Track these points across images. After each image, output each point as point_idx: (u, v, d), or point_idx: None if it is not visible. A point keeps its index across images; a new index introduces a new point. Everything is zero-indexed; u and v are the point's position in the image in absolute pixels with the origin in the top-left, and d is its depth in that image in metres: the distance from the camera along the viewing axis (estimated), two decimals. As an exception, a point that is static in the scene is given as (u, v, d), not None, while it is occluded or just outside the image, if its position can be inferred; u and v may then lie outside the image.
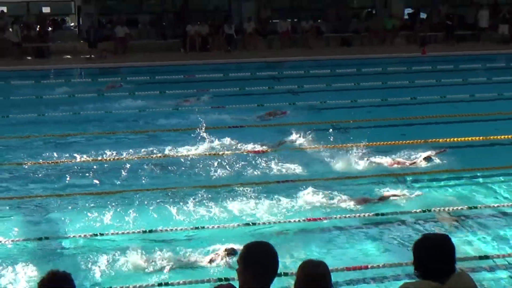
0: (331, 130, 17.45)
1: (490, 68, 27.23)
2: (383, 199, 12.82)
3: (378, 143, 16.24)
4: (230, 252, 10.13)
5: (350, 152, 15.20)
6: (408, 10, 34.36)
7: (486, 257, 10.46)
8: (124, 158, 15.27)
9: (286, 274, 9.05)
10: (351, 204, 12.45)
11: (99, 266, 10.03)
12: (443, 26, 32.01)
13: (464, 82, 23.67)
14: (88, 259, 10.27)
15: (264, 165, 14.80)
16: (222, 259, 10.11)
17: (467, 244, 10.89)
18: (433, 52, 29.50)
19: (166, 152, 15.80)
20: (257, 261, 4.88)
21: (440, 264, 4.99)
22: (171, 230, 11.34)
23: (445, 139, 16.55)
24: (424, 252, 5.09)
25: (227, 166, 14.62)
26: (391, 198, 12.81)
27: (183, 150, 15.85)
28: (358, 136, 16.41)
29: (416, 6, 34.80)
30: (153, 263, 10.11)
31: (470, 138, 16.72)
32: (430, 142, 16.25)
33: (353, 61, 27.72)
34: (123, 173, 14.24)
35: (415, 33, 31.81)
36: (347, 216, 11.90)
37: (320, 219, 11.72)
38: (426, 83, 23.50)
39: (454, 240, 5.22)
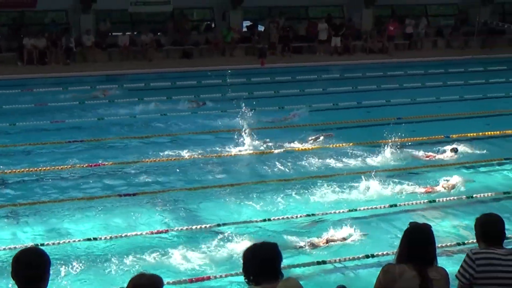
0: (171, 142, 17.90)
1: (325, 79, 28.21)
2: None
3: (211, 155, 16.87)
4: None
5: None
6: (247, 23, 34.96)
7: (323, 262, 10.93)
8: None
9: None
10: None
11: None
12: (281, 39, 32.81)
13: (301, 93, 24.37)
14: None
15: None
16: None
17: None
18: (272, 64, 30.19)
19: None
20: None
21: (267, 270, 5.19)
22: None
23: (291, 147, 17.26)
24: (251, 260, 5.27)
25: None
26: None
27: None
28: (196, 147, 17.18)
29: (254, 19, 35.49)
30: None
31: (307, 148, 17.34)
32: (267, 153, 16.89)
33: (194, 73, 27.92)
34: None
35: (254, 45, 32.43)
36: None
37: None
38: (265, 94, 24.00)
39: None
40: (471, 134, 18.85)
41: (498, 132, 18.67)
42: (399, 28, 34.37)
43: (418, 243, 5.73)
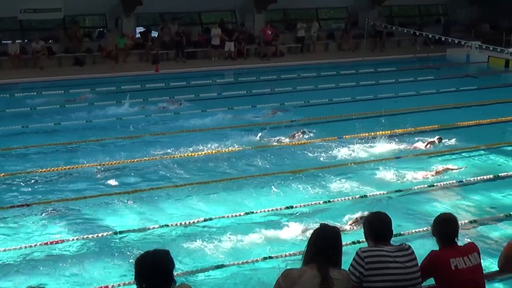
0: (66, 151, 17.74)
1: (220, 84, 28.35)
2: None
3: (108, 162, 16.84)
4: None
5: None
6: (140, 29, 34.72)
7: (222, 265, 11.07)
8: None
9: None
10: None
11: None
12: (174, 44, 32.75)
13: (196, 98, 24.41)
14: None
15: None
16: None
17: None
18: (166, 70, 30.10)
19: None
20: None
21: (159, 277, 5.21)
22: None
23: (188, 153, 17.36)
24: (143, 268, 5.27)
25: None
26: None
27: None
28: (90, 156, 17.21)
29: (147, 24, 35.31)
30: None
31: (202, 153, 17.47)
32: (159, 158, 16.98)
33: (87, 80, 27.54)
34: None
35: (147, 51, 32.26)
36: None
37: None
38: (160, 100, 23.95)
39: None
40: (364, 134, 19.33)
41: (388, 132, 19.20)
42: (275, 31, 34.63)
43: (326, 244, 5.86)
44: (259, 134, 19.17)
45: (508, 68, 31.97)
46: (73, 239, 12.20)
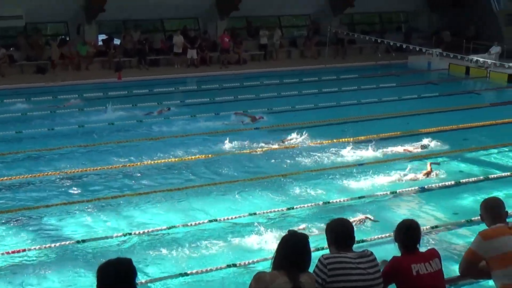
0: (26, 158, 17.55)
1: (183, 91, 28.29)
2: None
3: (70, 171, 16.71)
4: None
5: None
6: (102, 36, 34.52)
7: (186, 274, 11.06)
8: None
9: None
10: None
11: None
12: (136, 52, 32.63)
13: (159, 105, 24.30)
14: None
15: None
16: None
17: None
18: (129, 77, 29.98)
19: None
20: None
21: (119, 286, 5.18)
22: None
23: (151, 161, 17.24)
24: (105, 277, 5.23)
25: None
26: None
27: None
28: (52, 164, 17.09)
29: (109, 32, 35.13)
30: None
31: (165, 160, 17.41)
32: (122, 166, 16.89)
33: (49, 88, 27.39)
34: None
35: (110, 59, 32.09)
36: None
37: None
38: (123, 108, 23.84)
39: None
40: (327, 142, 19.43)
41: (351, 139, 19.31)
42: (234, 39, 34.62)
43: (295, 251, 5.86)
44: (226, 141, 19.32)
45: (468, 75, 32.42)
46: (34, 248, 12.09)
